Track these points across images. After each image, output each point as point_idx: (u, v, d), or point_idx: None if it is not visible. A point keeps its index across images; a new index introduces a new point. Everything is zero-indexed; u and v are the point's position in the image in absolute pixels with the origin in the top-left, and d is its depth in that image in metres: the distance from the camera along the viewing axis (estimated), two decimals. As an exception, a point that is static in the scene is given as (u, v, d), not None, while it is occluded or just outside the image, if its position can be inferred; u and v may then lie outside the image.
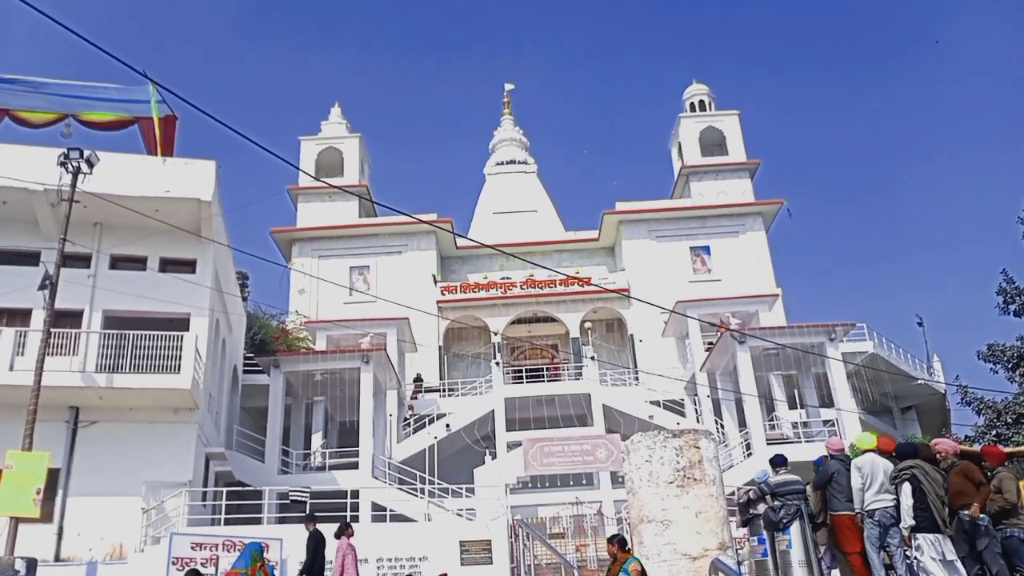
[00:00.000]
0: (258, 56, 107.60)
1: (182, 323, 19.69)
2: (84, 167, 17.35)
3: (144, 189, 19.27)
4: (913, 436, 27.21)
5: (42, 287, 17.00)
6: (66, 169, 17.36)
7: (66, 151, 17.50)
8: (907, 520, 7.89)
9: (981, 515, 7.83)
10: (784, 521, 8.75)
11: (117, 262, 20.25)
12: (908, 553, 7.96)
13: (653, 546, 8.03)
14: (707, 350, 29.66)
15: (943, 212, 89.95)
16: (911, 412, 33.62)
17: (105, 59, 7.58)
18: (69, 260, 18.04)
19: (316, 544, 12.70)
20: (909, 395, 32.91)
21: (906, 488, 7.99)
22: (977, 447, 11.53)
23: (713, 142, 40.64)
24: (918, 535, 7.83)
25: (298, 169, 11.98)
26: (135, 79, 10.13)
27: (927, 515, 7.88)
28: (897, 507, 8.22)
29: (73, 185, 17.30)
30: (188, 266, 20.54)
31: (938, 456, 8.39)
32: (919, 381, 31.71)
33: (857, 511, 8.50)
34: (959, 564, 7.79)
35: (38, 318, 18.18)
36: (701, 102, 42.42)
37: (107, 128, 21.70)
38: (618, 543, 8.26)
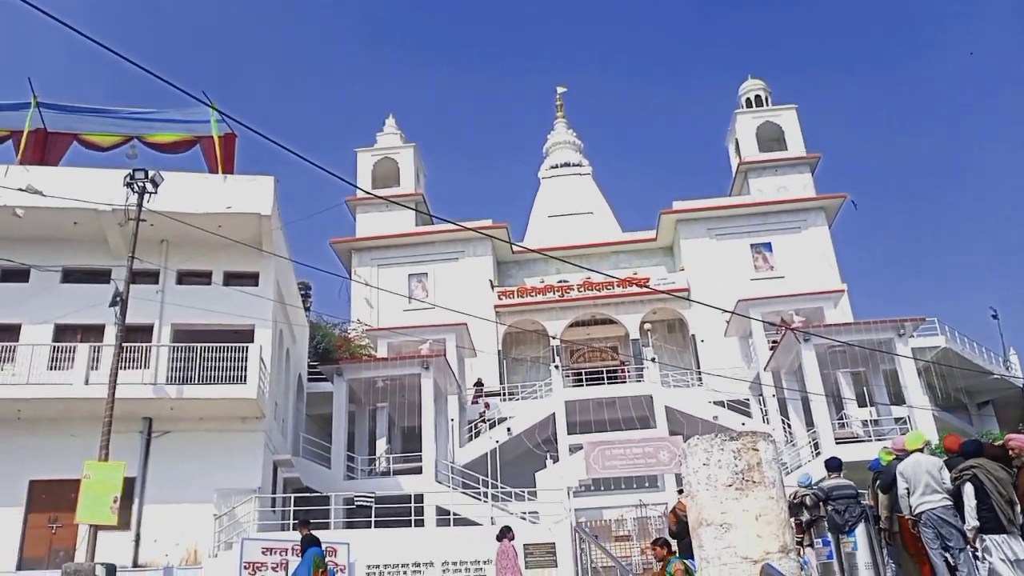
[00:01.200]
0: (313, 69, 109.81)
1: (247, 334, 20.21)
2: (149, 187, 17.94)
3: (207, 206, 19.84)
4: (989, 432, 26.25)
5: (113, 303, 17.64)
6: (132, 189, 17.97)
7: (132, 172, 18.13)
8: (971, 521, 7.65)
9: None
10: (850, 523, 8.57)
11: (183, 277, 20.91)
12: (976, 555, 7.70)
13: (713, 550, 7.88)
14: (771, 349, 29.15)
15: (1014, 199, 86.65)
16: (987, 407, 32.52)
17: (162, 84, 7.84)
18: (138, 277, 18.73)
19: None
20: (985, 390, 31.82)
21: (968, 489, 7.75)
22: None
23: (771, 137, 39.96)
24: (985, 536, 7.58)
25: (352, 184, 12.24)
26: (194, 101, 10.45)
27: (991, 515, 7.62)
28: (946, 508, 7.99)
29: (140, 205, 17.90)
30: (251, 279, 21.07)
31: (1011, 453, 8.08)
32: (994, 375, 30.65)
33: (908, 516, 8.31)
34: None
35: (110, 333, 18.90)
36: (757, 97, 41.76)
37: (170, 150, 22.54)
38: (661, 544, 8.18)
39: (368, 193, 33.71)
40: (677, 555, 7.85)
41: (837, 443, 25.18)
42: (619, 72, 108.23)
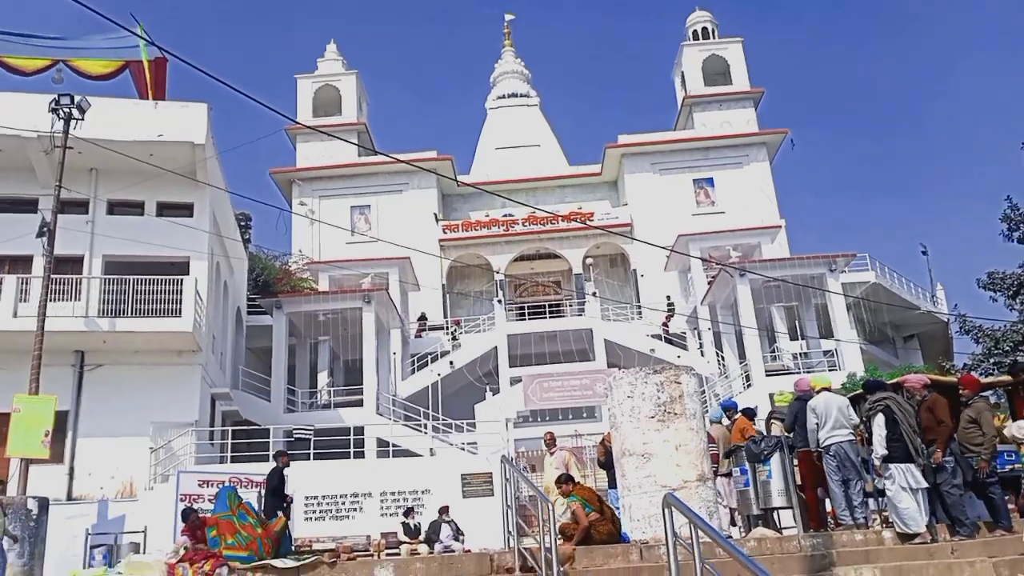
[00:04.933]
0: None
1: (182, 267, 19.88)
2: (76, 113, 17.24)
3: (137, 134, 19.24)
4: (909, 366, 27.38)
5: (40, 234, 17.13)
6: (58, 115, 17.25)
7: (57, 97, 17.39)
8: (879, 450, 8.05)
9: (947, 458, 8.03)
10: (765, 453, 8.94)
11: (115, 208, 20.37)
12: (878, 483, 8.15)
13: (634, 479, 8.21)
14: (709, 283, 29.73)
15: (951, 141, 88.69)
16: (913, 341, 33.73)
17: (87, 10, 7.50)
18: (67, 206, 18.17)
19: (274, 479, 12.67)
20: (911, 324, 33.00)
21: (879, 419, 8.12)
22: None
23: (717, 71, 39.93)
24: (890, 465, 7.99)
25: (287, 116, 11.85)
26: (122, 21, 10.02)
27: (900, 445, 8.03)
28: (852, 443, 8.42)
29: (66, 131, 17.22)
30: (185, 210, 20.63)
31: (907, 393, 8.51)
32: (921, 310, 31.75)
33: (814, 449, 8.74)
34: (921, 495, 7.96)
35: (39, 265, 18.36)
36: (704, 29, 41.54)
37: (99, 79, 21.58)
38: (564, 480, 8.45)
39: (307, 126, 32.86)
40: (572, 496, 8.10)
41: (768, 375, 26.05)
42: (568, 1, 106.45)
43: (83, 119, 17.39)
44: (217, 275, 22.44)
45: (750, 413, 10.27)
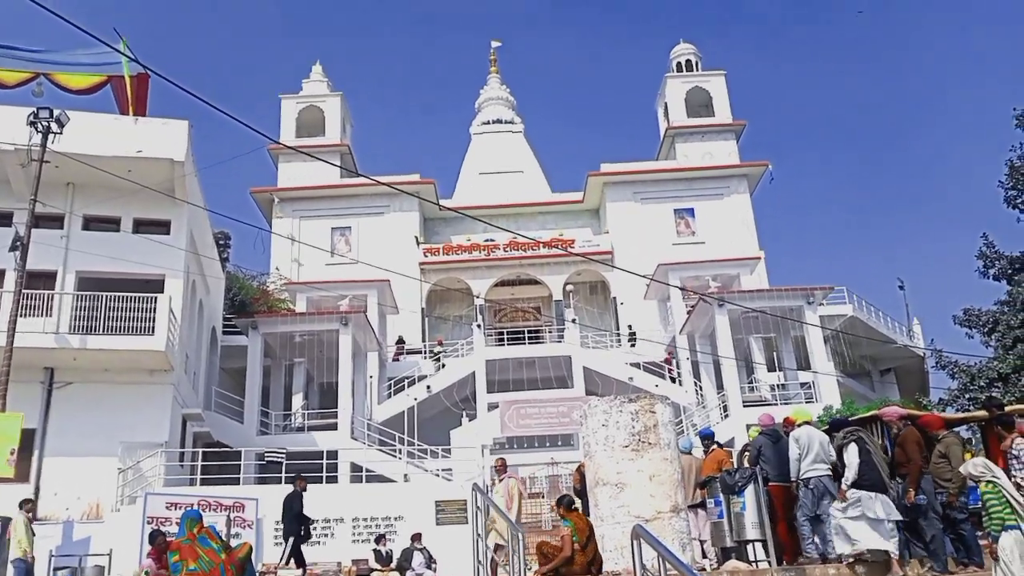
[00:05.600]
0: (239, 14, 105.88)
1: (157, 285, 19.60)
2: (54, 126, 17.14)
3: (116, 149, 19.05)
4: (886, 399, 27.46)
5: (13, 248, 16.90)
6: (36, 129, 17.14)
7: (36, 110, 17.27)
8: (850, 476, 8.11)
9: (920, 496, 8.08)
10: (740, 484, 8.88)
11: (90, 223, 20.12)
12: (835, 508, 8.20)
13: (607, 508, 8.12)
14: (688, 313, 29.79)
15: (933, 175, 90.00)
16: (890, 375, 33.93)
17: (70, 24, 7.43)
18: (42, 221, 17.98)
19: (296, 504, 12.57)
20: (888, 358, 33.20)
21: (852, 448, 8.20)
22: (951, 411, 11.87)
23: (700, 103, 40.38)
24: (860, 493, 8.03)
25: (268, 136, 11.59)
26: (105, 36, 9.92)
27: (874, 474, 8.12)
28: (830, 478, 8.51)
29: (43, 145, 17.08)
30: (162, 227, 20.40)
31: (884, 424, 8.55)
32: (897, 344, 31.96)
33: (793, 480, 8.75)
34: (889, 525, 7.98)
35: (10, 279, 18.05)
36: (688, 62, 42.04)
37: (80, 93, 21.41)
38: (564, 505, 8.30)
39: (289, 146, 32.75)
40: (566, 520, 7.96)
41: (745, 406, 26.04)
42: (555, 29, 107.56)
43: (61, 133, 17.27)
44: (193, 294, 22.18)
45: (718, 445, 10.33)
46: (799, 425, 8.90)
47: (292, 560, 12.47)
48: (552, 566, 7.65)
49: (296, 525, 12.40)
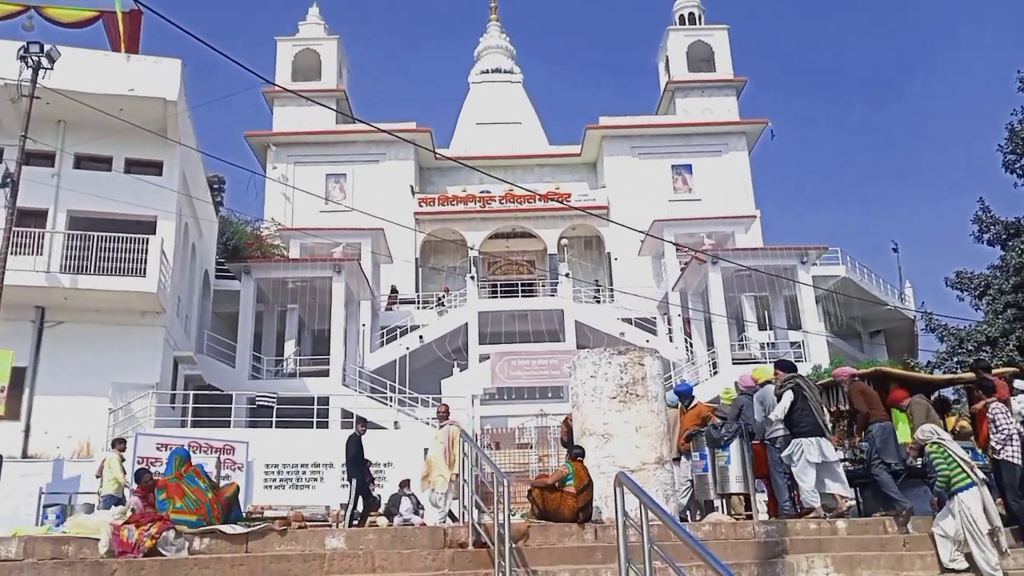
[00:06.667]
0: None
1: (149, 226, 19.51)
2: (45, 62, 16.78)
3: (108, 86, 18.78)
4: (873, 360, 27.64)
5: (3, 184, 16.68)
6: (26, 63, 16.79)
7: (26, 45, 16.91)
8: (778, 413, 8.48)
9: (863, 442, 8.66)
10: (725, 439, 8.94)
11: (82, 161, 19.93)
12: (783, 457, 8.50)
13: (594, 458, 8.18)
14: (682, 269, 29.78)
15: (932, 133, 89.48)
16: (879, 337, 34.06)
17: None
18: (32, 158, 17.77)
19: (351, 448, 12.58)
20: (879, 320, 33.30)
21: (788, 395, 8.46)
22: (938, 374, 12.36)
23: (701, 57, 39.84)
24: (801, 440, 8.33)
25: (263, 78, 11.32)
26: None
27: (809, 419, 8.36)
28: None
29: (34, 80, 16.77)
30: (155, 168, 20.22)
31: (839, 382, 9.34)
32: (888, 306, 32.04)
33: (758, 441, 8.99)
34: (838, 467, 8.44)
35: (1, 217, 17.88)
36: (691, 15, 41.38)
37: (71, 27, 20.99)
38: (572, 454, 8.22)
39: (284, 89, 32.28)
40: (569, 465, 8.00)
41: (735, 363, 26.16)
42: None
43: (52, 69, 16.93)
44: (185, 236, 22.06)
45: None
46: (761, 385, 9.05)
47: (355, 503, 12.48)
48: (539, 484, 7.97)
49: (356, 468, 12.47)
